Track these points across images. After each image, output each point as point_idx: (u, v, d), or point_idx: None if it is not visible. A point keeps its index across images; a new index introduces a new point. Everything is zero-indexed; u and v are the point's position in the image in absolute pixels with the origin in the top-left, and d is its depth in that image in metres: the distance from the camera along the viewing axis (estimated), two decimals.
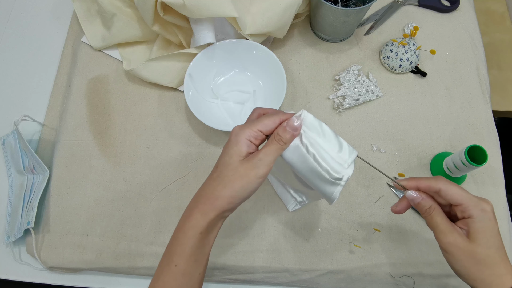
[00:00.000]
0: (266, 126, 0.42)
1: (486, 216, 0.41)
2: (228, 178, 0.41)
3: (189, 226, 0.42)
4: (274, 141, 0.41)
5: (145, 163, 0.67)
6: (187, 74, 0.65)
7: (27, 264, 0.64)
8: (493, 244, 0.41)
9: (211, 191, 0.42)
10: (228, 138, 0.43)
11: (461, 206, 0.42)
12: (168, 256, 0.43)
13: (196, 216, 0.42)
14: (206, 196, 0.42)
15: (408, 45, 0.69)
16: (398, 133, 0.68)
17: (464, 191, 0.42)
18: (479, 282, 0.41)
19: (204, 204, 0.42)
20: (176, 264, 0.42)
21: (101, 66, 0.74)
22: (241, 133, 0.41)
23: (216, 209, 0.41)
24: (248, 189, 0.41)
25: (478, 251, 0.40)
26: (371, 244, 0.61)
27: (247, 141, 0.41)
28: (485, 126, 0.69)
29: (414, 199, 0.44)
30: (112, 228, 0.63)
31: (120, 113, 0.71)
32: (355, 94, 0.69)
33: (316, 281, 0.61)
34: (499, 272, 0.40)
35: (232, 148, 0.41)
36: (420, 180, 0.44)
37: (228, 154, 0.42)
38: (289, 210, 0.62)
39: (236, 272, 0.62)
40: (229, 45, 0.67)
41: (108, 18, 0.71)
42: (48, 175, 0.65)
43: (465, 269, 0.41)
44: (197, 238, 0.42)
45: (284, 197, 0.63)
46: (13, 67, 0.79)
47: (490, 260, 0.41)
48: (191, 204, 0.44)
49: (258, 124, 0.42)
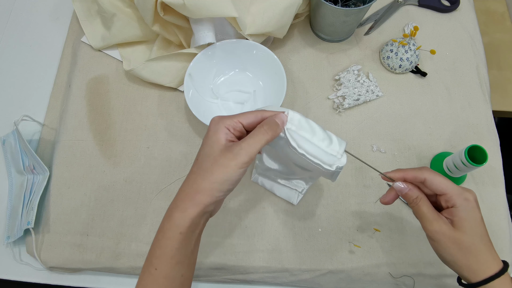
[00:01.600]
0: (247, 119, 0.41)
1: (469, 205, 0.42)
2: (207, 169, 0.39)
3: (168, 227, 0.40)
4: (260, 131, 0.40)
5: (145, 163, 0.67)
6: (187, 74, 0.65)
7: (27, 264, 0.64)
8: (477, 232, 0.42)
9: (190, 185, 0.40)
10: (208, 129, 0.41)
11: (446, 196, 0.43)
12: (149, 260, 0.41)
13: (175, 215, 0.40)
14: (185, 192, 0.40)
15: (408, 45, 0.69)
16: (398, 133, 0.68)
17: (449, 181, 0.43)
18: (465, 269, 0.42)
19: (183, 201, 0.40)
20: (156, 267, 0.40)
21: (101, 66, 0.74)
22: (220, 121, 0.40)
23: (196, 204, 0.39)
24: (228, 180, 0.39)
25: (463, 238, 0.41)
26: (371, 244, 0.61)
27: (225, 129, 0.40)
28: (485, 126, 0.69)
29: (402, 190, 0.45)
30: (112, 228, 0.63)
31: (120, 113, 0.71)
32: (355, 94, 0.69)
33: (316, 281, 0.61)
34: (484, 259, 0.42)
35: (211, 138, 0.40)
36: (406, 171, 0.45)
37: (208, 145, 0.40)
38: (295, 204, 0.62)
39: (236, 272, 0.62)
40: (229, 45, 0.67)
41: (108, 18, 0.71)
42: (48, 175, 0.65)
43: (452, 257, 0.42)
44: (177, 239, 0.39)
45: (285, 194, 0.63)
46: (13, 67, 0.79)
47: (475, 248, 0.42)
48: (172, 203, 0.41)
49: (239, 115, 0.41)
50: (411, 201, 0.45)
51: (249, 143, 0.39)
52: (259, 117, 0.41)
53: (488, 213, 0.63)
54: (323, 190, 0.64)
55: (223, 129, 0.40)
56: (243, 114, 0.41)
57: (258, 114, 0.41)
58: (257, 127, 0.40)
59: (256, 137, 0.39)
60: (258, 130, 0.40)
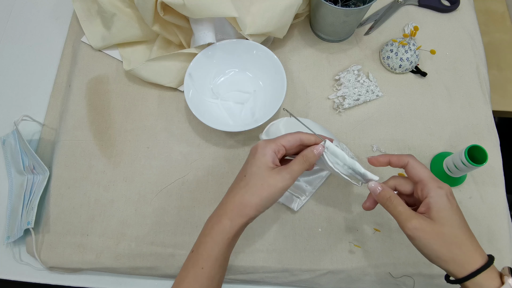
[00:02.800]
0: (289, 142, 0.47)
1: (443, 194, 0.42)
2: (257, 187, 0.44)
3: (217, 232, 0.45)
4: (302, 160, 0.46)
5: (145, 163, 0.67)
6: (187, 74, 0.65)
7: (27, 264, 0.64)
8: (456, 223, 0.42)
9: (239, 199, 0.45)
10: (255, 151, 0.46)
11: (421, 183, 0.44)
12: (195, 259, 0.45)
13: (225, 222, 0.44)
14: (235, 203, 0.45)
15: (408, 45, 0.69)
16: (398, 133, 0.68)
17: (428, 170, 0.45)
18: (451, 263, 0.41)
19: (232, 211, 0.45)
20: (202, 267, 0.44)
21: (101, 66, 0.74)
22: (268, 146, 0.46)
23: (244, 216, 0.45)
24: (273, 199, 0.45)
25: (443, 230, 0.41)
26: (371, 244, 0.61)
27: (273, 153, 0.46)
28: (485, 126, 0.69)
29: (375, 190, 0.46)
30: (112, 228, 0.63)
31: (120, 113, 0.71)
32: (355, 94, 0.69)
33: (316, 281, 0.61)
34: (468, 249, 0.41)
35: (260, 160, 0.45)
36: (391, 155, 0.48)
37: (256, 165, 0.45)
38: (295, 210, 0.62)
39: (236, 272, 0.62)
40: (229, 45, 0.67)
41: (108, 18, 0.71)
42: (48, 175, 0.65)
43: (435, 252, 0.41)
44: (225, 243, 0.45)
45: (286, 200, 0.63)
46: (13, 67, 0.79)
47: (457, 239, 0.41)
48: (219, 211, 0.46)
49: (281, 139, 0.47)
50: (385, 201, 0.45)
51: (294, 169, 0.46)
52: (298, 140, 0.47)
53: (488, 213, 0.63)
54: (323, 190, 0.64)
55: (271, 153, 0.46)
56: (284, 137, 0.47)
57: (297, 138, 0.47)
58: (300, 157, 0.47)
59: (299, 165, 0.46)
60: (301, 159, 0.46)
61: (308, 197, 0.63)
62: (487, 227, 0.62)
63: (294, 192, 0.63)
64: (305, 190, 0.63)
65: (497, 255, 0.60)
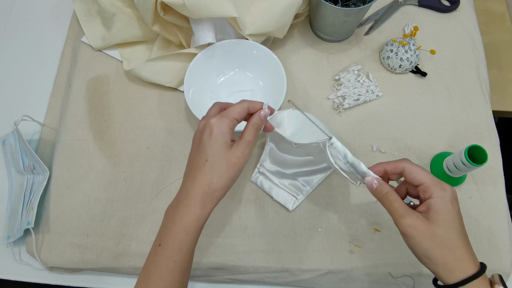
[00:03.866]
0: (240, 114, 0.46)
1: (446, 196, 0.41)
2: (222, 170, 0.44)
3: (188, 222, 0.43)
4: (253, 128, 0.47)
5: (145, 163, 0.67)
6: (187, 74, 0.65)
7: (27, 264, 0.64)
8: (453, 227, 0.40)
9: (206, 185, 0.44)
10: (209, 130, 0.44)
11: (423, 186, 0.42)
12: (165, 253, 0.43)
13: (196, 211, 0.43)
14: (203, 190, 0.44)
15: (408, 45, 0.69)
16: (398, 133, 0.68)
17: (427, 172, 0.43)
18: (441, 267, 0.40)
19: (203, 199, 0.44)
20: (174, 260, 0.43)
21: (101, 66, 0.74)
22: (223, 123, 0.45)
23: (214, 201, 0.44)
24: (238, 175, 0.46)
25: (438, 232, 0.40)
26: (371, 244, 0.61)
27: (229, 130, 0.45)
28: (485, 126, 0.69)
29: (372, 186, 0.45)
30: (112, 228, 0.63)
31: (120, 113, 0.71)
32: (355, 94, 0.69)
33: (316, 281, 0.61)
34: (460, 256, 0.40)
35: (219, 140, 0.44)
36: (386, 163, 0.46)
37: (217, 147, 0.44)
38: (290, 210, 0.62)
39: (236, 272, 0.62)
40: (229, 45, 0.67)
41: (108, 18, 0.71)
42: (48, 175, 0.65)
43: (427, 253, 0.40)
44: (197, 232, 0.44)
45: (282, 198, 0.63)
46: (13, 67, 0.79)
47: (451, 243, 0.40)
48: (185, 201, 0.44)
49: (232, 112, 0.46)
50: (382, 196, 0.44)
51: (250, 141, 0.46)
52: (246, 109, 0.47)
53: (488, 213, 0.63)
54: (323, 190, 0.64)
55: (228, 130, 0.45)
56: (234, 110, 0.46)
57: (245, 107, 0.47)
58: (250, 126, 0.47)
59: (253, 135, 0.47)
60: (252, 128, 0.47)
61: (304, 197, 0.63)
62: (487, 227, 0.62)
63: (291, 191, 0.63)
64: (302, 189, 0.63)
65: (497, 255, 0.61)
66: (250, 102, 0.48)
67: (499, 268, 0.60)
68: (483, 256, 0.60)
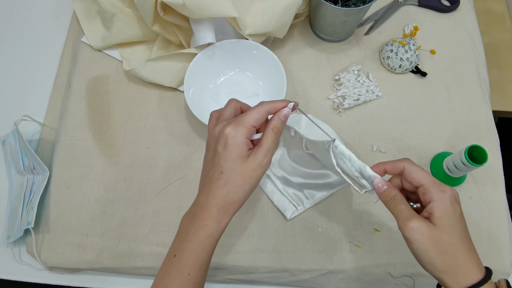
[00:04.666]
0: (257, 121, 0.42)
1: (446, 198, 0.40)
2: (237, 183, 0.42)
3: (204, 236, 0.42)
4: (273, 133, 0.43)
5: (145, 163, 0.67)
6: (187, 74, 0.65)
7: (27, 264, 0.64)
8: (455, 230, 0.39)
9: (222, 199, 0.42)
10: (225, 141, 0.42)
11: (422, 187, 0.41)
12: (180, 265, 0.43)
13: (212, 225, 0.42)
14: (219, 205, 0.42)
15: (408, 45, 0.69)
16: (398, 133, 0.68)
17: (427, 173, 0.42)
18: (444, 274, 0.39)
19: (218, 214, 0.42)
20: (189, 273, 0.42)
21: (101, 66, 0.74)
22: (239, 133, 0.41)
23: (230, 214, 0.43)
24: (255, 185, 0.43)
25: (442, 238, 0.38)
26: (371, 244, 0.61)
27: (246, 140, 0.42)
28: (485, 126, 0.69)
29: (380, 188, 0.43)
30: (112, 228, 0.63)
31: (120, 113, 0.71)
32: (355, 94, 0.69)
33: (316, 281, 0.61)
34: (464, 261, 0.39)
35: (234, 152, 0.41)
36: (386, 163, 0.45)
37: (232, 160, 0.41)
38: (288, 218, 0.62)
39: (236, 272, 0.62)
40: (229, 45, 0.67)
41: (108, 18, 0.71)
42: (48, 175, 0.65)
43: (430, 259, 0.39)
44: (212, 247, 0.43)
45: (282, 205, 0.63)
46: (13, 67, 0.79)
47: (454, 249, 0.39)
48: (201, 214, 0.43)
49: (250, 120, 0.42)
50: (389, 199, 0.42)
51: (268, 149, 0.42)
52: (265, 114, 0.43)
53: (488, 213, 0.63)
54: None
55: (244, 140, 0.42)
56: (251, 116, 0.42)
57: (264, 112, 0.43)
58: (269, 131, 0.43)
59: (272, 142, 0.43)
60: (271, 133, 0.43)
61: (304, 209, 0.62)
62: (487, 227, 0.62)
63: (292, 200, 0.62)
64: (304, 201, 0.63)
65: (497, 255, 0.61)
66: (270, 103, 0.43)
67: (499, 268, 0.60)
68: (483, 256, 0.60)
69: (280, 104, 0.43)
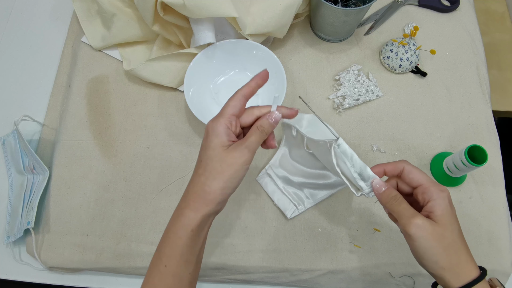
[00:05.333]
0: (235, 108, 0.43)
1: (445, 197, 0.41)
2: (216, 170, 0.41)
3: (179, 225, 0.42)
4: (258, 131, 0.43)
5: (145, 163, 0.67)
6: (187, 74, 0.65)
7: (27, 264, 0.64)
8: (455, 228, 0.40)
9: (200, 186, 0.42)
10: (206, 132, 0.43)
11: (421, 187, 0.42)
12: (158, 257, 0.42)
13: (188, 214, 0.42)
14: (196, 193, 0.42)
15: (408, 45, 0.69)
16: (398, 133, 0.68)
17: (425, 174, 0.43)
18: (447, 271, 0.39)
19: (195, 202, 0.42)
20: (165, 264, 0.41)
21: (101, 66, 0.74)
22: (218, 123, 0.42)
23: (208, 204, 0.41)
24: (237, 178, 0.42)
25: (446, 234, 0.39)
26: (371, 244, 0.61)
27: (226, 129, 0.42)
28: (485, 126, 0.69)
29: (379, 189, 0.44)
30: (112, 228, 0.63)
31: (120, 113, 0.71)
32: (355, 94, 0.69)
33: (316, 281, 0.61)
34: (465, 259, 0.40)
35: (213, 141, 0.42)
36: (385, 164, 0.45)
37: (211, 148, 0.42)
38: (288, 217, 0.62)
39: (236, 272, 0.62)
40: (229, 45, 0.67)
41: (108, 18, 0.71)
42: (48, 175, 0.65)
43: (435, 256, 0.39)
44: (188, 236, 0.41)
45: (282, 205, 0.63)
46: (13, 67, 0.79)
47: (456, 246, 0.40)
48: (181, 203, 0.43)
49: (227, 109, 0.43)
50: (390, 199, 0.43)
51: (251, 141, 0.42)
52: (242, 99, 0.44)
53: (488, 213, 0.63)
54: None
55: (224, 129, 0.42)
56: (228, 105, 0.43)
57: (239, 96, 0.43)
58: (255, 128, 0.43)
59: (256, 136, 0.43)
60: (256, 130, 0.43)
61: (305, 208, 0.62)
62: (487, 227, 0.62)
63: (293, 199, 0.62)
64: (304, 201, 0.63)
65: (497, 255, 0.61)
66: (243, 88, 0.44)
67: (499, 268, 0.60)
68: (483, 256, 0.60)
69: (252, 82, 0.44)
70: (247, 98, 0.44)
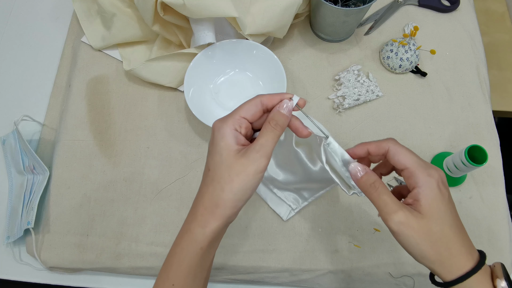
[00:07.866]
0: (248, 111, 0.38)
1: (433, 183, 0.36)
2: (224, 179, 0.36)
3: (188, 242, 0.38)
4: (270, 127, 0.37)
5: (145, 163, 0.67)
6: (187, 74, 0.65)
7: (27, 264, 0.64)
8: (446, 219, 0.36)
9: (207, 199, 0.37)
10: (211, 135, 0.38)
11: (407, 170, 0.37)
12: (165, 274, 0.39)
13: (196, 230, 0.37)
14: (204, 206, 0.37)
15: (408, 45, 0.69)
16: (398, 133, 0.68)
17: (414, 155, 0.38)
18: (437, 265, 0.36)
19: (202, 216, 0.37)
20: (173, 283, 0.38)
21: (101, 66, 0.74)
22: (224, 125, 0.37)
23: (218, 218, 0.37)
24: (249, 189, 0.36)
25: (432, 228, 0.35)
26: (371, 244, 0.61)
27: (233, 131, 0.37)
28: (485, 126, 0.69)
29: (356, 174, 0.39)
30: (112, 228, 0.63)
31: (120, 113, 0.71)
32: (355, 94, 0.69)
33: (316, 281, 0.61)
34: (456, 251, 0.36)
35: (219, 145, 0.37)
36: (369, 143, 0.40)
37: (218, 153, 0.37)
38: (284, 219, 0.62)
39: (236, 272, 0.62)
40: (229, 45, 0.67)
41: (108, 18, 0.71)
42: (48, 175, 0.65)
43: (421, 252, 0.36)
44: (197, 254, 0.38)
45: (276, 208, 0.62)
46: (13, 67, 0.79)
47: (446, 239, 0.36)
48: (189, 217, 0.39)
49: (239, 111, 0.38)
50: (368, 187, 0.38)
51: (262, 144, 0.36)
52: (259, 105, 0.38)
53: (488, 213, 0.63)
54: None
55: (231, 132, 0.37)
56: (242, 107, 0.38)
57: (257, 102, 0.38)
58: (265, 124, 0.38)
59: (268, 136, 0.37)
60: (267, 127, 0.37)
61: (300, 207, 0.62)
62: (487, 227, 0.62)
63: (287, 200, 0.62)
64: (299, 200, 0.62)
65: (497, 255, 0.61)
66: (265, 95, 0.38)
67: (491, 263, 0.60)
68: None
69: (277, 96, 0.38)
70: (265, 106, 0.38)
